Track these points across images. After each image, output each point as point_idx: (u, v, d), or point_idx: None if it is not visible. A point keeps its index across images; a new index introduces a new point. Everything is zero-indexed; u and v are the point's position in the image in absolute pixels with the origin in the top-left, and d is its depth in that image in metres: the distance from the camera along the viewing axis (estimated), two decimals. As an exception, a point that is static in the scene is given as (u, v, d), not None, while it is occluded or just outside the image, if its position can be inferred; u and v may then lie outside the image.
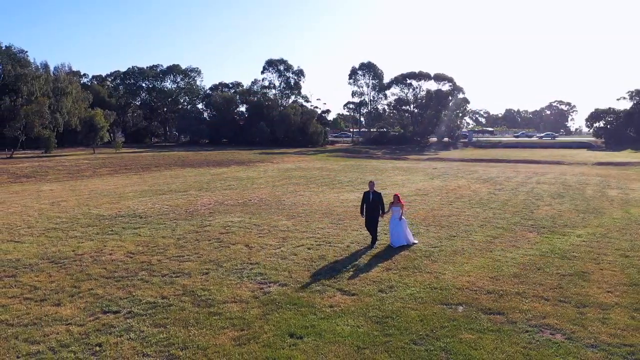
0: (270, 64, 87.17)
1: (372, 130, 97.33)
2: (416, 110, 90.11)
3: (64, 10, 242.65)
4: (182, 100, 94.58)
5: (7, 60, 55.69)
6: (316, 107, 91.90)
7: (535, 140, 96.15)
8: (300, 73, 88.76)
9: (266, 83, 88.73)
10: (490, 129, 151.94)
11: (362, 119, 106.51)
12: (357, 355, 7.20)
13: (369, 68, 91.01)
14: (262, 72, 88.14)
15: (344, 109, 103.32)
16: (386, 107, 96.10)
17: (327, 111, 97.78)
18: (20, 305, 9.23)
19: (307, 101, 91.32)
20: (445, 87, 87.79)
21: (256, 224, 16.87)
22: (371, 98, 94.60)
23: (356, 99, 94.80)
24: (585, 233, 15.28)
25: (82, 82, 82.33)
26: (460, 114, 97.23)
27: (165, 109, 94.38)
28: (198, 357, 7.19)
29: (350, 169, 41.26)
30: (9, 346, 7.51)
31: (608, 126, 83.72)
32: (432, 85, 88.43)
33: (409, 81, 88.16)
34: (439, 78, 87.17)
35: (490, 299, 9.45)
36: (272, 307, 9.05)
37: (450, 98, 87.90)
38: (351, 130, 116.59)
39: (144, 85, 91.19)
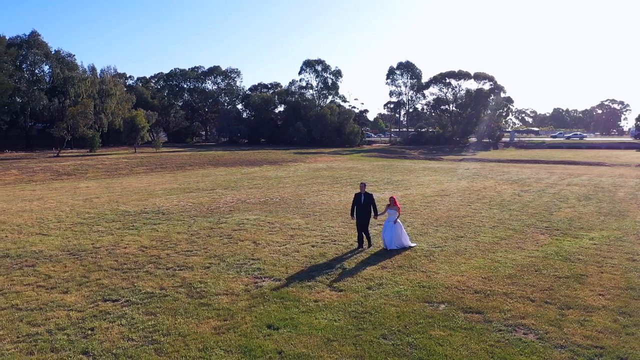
0: (308, 65, 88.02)
1: (410, 130, 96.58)
2: (455, 110, 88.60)
3: (113, 16, 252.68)
4: (222, 101, 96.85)
5: (57, 63, 58.78)
6: (353, 107, 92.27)
7: (584, 141, 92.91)
8: (337, 73, 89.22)
9: (304, 83, 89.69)
10: (535, 128, 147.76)
11: (401, 118, 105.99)
12: (325, 346, 7.49)
13: (407, 67, 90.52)
14: (300, 73, 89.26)
15: (384, 108, 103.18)
16: (425, 106, 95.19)
17: (365, 111, 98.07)
18: (32, 292, 10.02)
19: (345, 101, 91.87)
20: (486, 86, 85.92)
21: (270, 221, 17.36)
22: (409, 98, 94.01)
23: (394, 99, 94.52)
24: (600, 236, 14.93)
25: (127, 83, 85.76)
26: (504, 114, 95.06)
27: (206, 109, 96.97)
28: (177, 342, 7.68)
29: (381, 169, 41.27)
30: (12, 327, 8.25)
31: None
32: (472, 85, 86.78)
33: (448, 80, 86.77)
34: (479, 77, 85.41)
35: (475, 298, 9.52)
36: (260, 300, 9.46)
37: (491, 97, 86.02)
38: (390, 130, 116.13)
39: (185, 86, 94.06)
